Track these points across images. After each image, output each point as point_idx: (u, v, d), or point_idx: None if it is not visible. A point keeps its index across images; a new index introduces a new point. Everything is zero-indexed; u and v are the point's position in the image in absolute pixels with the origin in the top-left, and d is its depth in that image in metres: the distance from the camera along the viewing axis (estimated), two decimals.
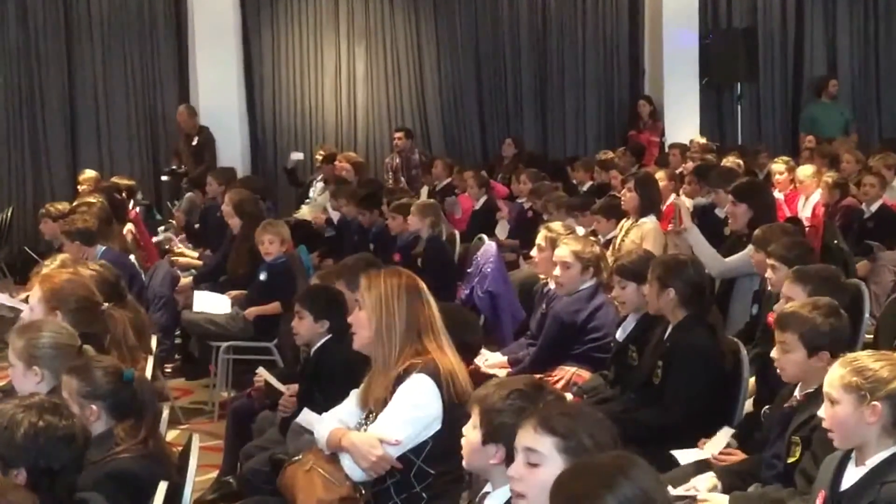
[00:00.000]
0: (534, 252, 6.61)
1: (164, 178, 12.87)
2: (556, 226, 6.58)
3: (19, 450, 3.10)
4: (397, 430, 3.79)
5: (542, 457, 2.73)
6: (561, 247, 5.91)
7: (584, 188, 11.22)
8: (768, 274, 5.45)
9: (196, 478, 3.91)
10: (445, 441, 3.67)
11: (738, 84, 14.58)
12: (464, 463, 3.24)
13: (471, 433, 3.17)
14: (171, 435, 6.04)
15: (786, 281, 4.82)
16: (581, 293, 5.82)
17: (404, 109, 14.39)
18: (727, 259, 6.55)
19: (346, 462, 3.85)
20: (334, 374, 4.91)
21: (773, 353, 4.07)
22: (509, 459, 2.90)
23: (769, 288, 5.51)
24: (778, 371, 4.08)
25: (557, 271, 5.87)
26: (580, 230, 7.86)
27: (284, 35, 14.12)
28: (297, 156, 13.13)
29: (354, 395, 4.11)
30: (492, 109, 14.58)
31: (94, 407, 3.73)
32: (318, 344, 5.29)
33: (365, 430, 3.92)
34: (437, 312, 3.98)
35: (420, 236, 8.38)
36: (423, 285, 4.02)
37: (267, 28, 14.06)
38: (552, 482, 2.48)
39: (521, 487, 2.78)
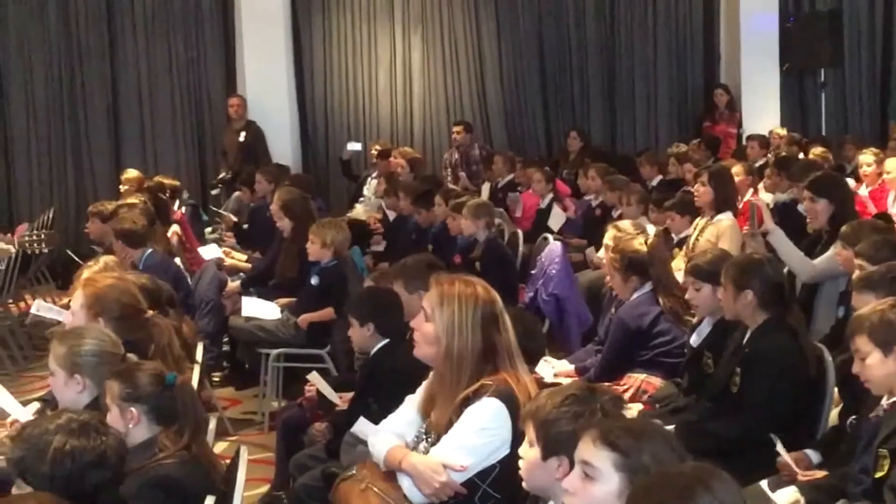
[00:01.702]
0: (601, 253, 6.60)
1: (213, 192, 12.92)
2: (625, 225, 6.56)
3: (47, 477, 3.15)
4: (463, 456, 3.76)
5: (597, 472, 2.72)
6: (603, 250, 5.96)
7: (653, 183, 11.15)
8: (855, 274, 5.38)
9: (245, 492, 3.94)
10: (514, 465, 3.64)
11: (822, 70, 14.39)
12: (524, 484, 3.23)
13: (528, 452, 3.17)
14: (219, 447, 6.10)
15: (853, 292, 4.77)
16: (643, 296, 5.80)
17: (463, 101, 14.39)
18: (815, 262, 6.48)
19: (406, 483, 3.83)
20: (388, 381, 4.94)
21: (854, 368, 4.04)
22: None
23: None
24: (866, 384, 4.04)
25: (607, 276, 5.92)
26: (651, 228, 7.83)
27: (336, 22, 14.20)
28: (354, 146, 13.17)
29: (410, 400, 4.10)
30: (556, 100, 14.53)
31: (133, 410, 3.79)
32: (374, 350, 5.33)
33: (426, 448, 3.91)
34: (513, 333, 3.90)
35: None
36: (498, 298, 3.93)
37: (318, 15, 14.16)
38: (605, 500, 2.47)
39: (573, 501, 2.77)
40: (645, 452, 2.69)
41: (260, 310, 7.72)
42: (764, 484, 4.14)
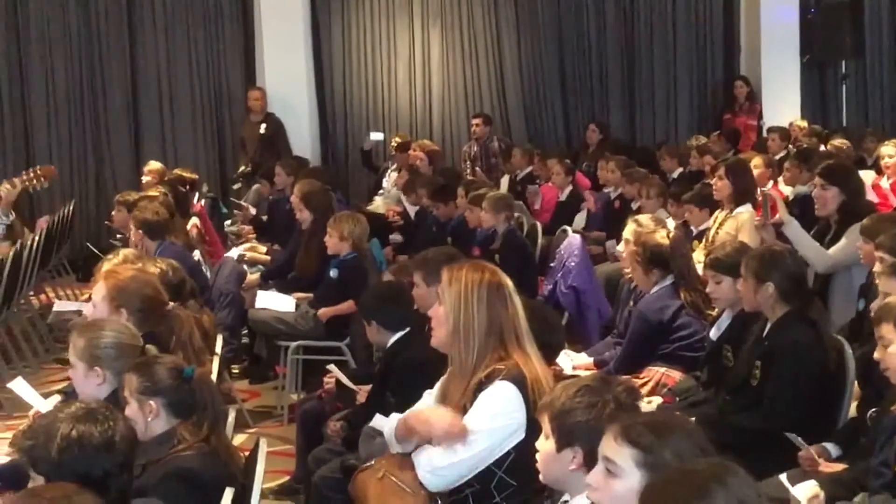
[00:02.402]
0: (621, 247, 6.58)
1: (235, 186, 12.90)
2: (645, 219, 6.54)
3: (55, 465, 3.15)
4: (479, 441, 3.78)
5: (619, 468, 2.71)
6: (622, 244, 5.95)
7: (674, 176, 11.12)
8: (876, 267, 5.36)
9: (264, 484, 3.96)
10: (529, 452, 3.66)
11: (843, 62, 14.32)
12: (541, 476, 3.24)
13: (544, 444, 3.17)
14: (238, 439, 6.11)
15: (882, 277, 4.76)
16: (663, 290, 5.79)
17: (482, 94, 14.38)
18: (830, 252, 6.47)
19: (422, 471, 3.86)
20: (405, 374, 4.95)
21: (876, 354, 4.02)
22: (589, 459, 2.90)
23: (876, 281, 5.42)
24: (885, 372, 4.02)
25: (628, 269, 5.91)
26: (671, 222, 7.81)
27: (355, 16, 14.19)
28: (376, 136, 13.17)
29: (428, 395, 4.12)
30: (575, 93, 14.50)
31: (152, 403, 3.80)
32: (389, 343, 5.34)
33: None
34: (522, 313, 3.95)
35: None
36: (509, 282, 3.99)
37: (337, 9, 14.15)
38: (628, 496, 2.47)
39: (596, 496, 2.77)
40: (666, 449, 2.68)
41: (274, 302, 7.73)
42: (783, 477, 4.13)
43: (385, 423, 4.21)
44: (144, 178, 10.81)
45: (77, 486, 2.86)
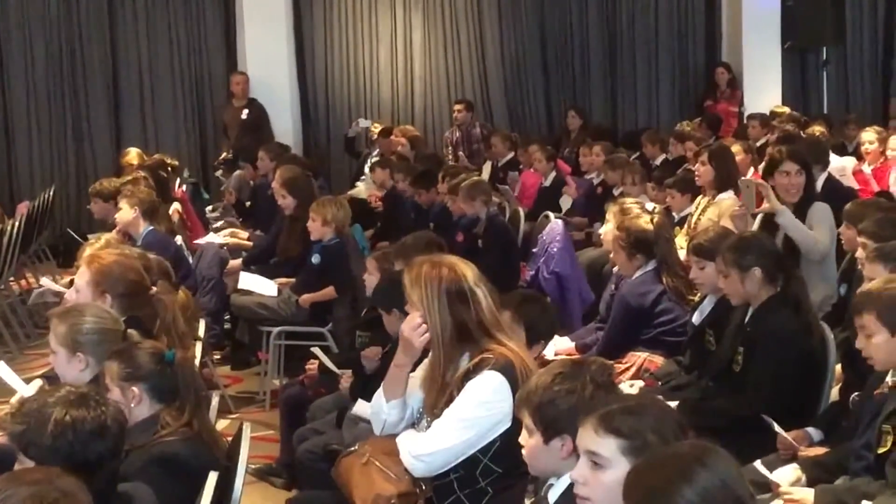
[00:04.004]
0: (602, 229, 6.59)
1: (217, 173, 12.79)
2: (629, 202, 6.54)
3: (49, 450, 3.13)
4: (465, 430, 3.79)
5: (605, 460, 2.70)
6: (605, 225, 5.95)
7: (657, 162, 11.13)
8: (858, 252, 5.38)
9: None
10: (514, 438, 3.66)
11: (824, 48, 14.35)
12: (530, 470, 3.23)
13: (528, 440, 3.15)
14: (221, 424, 6.10)
15: (865, 262, 4.77)
16: (646, 275, 5.79)
17: (464, 79, 14.35)
18: (818, 237, 6.48)
19: (406, 457, 3.86)
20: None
21: (858, 343, 4.03)
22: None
23: (859, 266, 5.44)
24: (869, 361, 4.03)
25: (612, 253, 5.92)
26: (651, 207, 7.81)
27: (337, 1, 14.13)
28: (363, 123, 13.14)
29: (413, 379, 4.11)
30: (557, 79, 14.49)
31: (135, 389, 3.79)
32: None
33: (427, 426, 3.94)
34: (486, 303, 3.89)
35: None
36: (469, 274, 3.91)
37: None
38: (618, 485, 2.48)
39: (585, 492, 2.74)
40: (647, 430, 2.69)
41: (256, 284, 7.71)
42: (758, 464, 4.13)
43: (368, 409, 4.21)
44: (125, 163, 10.72)
45: (60, 470, 2.85)
